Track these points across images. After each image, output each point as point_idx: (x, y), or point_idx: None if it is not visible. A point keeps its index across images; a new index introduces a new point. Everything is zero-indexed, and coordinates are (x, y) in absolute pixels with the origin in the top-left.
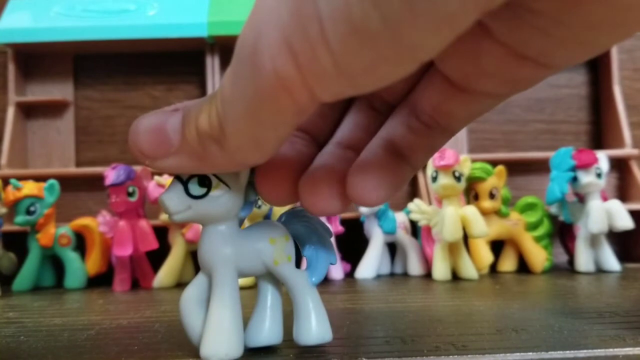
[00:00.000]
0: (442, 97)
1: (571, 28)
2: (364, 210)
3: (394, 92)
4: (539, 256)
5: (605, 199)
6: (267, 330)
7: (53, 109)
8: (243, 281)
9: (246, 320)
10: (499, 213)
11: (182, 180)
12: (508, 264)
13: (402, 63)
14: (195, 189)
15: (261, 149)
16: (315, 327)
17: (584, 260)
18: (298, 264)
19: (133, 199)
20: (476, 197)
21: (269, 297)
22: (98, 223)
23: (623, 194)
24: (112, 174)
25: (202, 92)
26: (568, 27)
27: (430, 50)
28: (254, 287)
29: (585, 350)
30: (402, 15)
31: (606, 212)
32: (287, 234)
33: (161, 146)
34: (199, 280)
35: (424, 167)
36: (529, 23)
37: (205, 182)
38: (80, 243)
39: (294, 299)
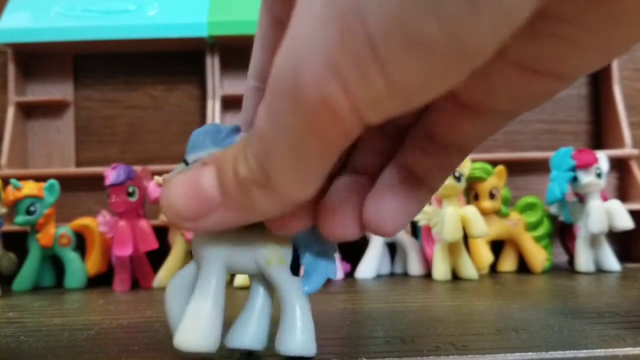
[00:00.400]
0: (455, 119)
1: (592, 28)
2: None
3: (405, 115)
4: (539, 256)
5: (605, 199)
6: (251, 334)
7: (53, 109)
8: (243, 281)
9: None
10: (499, 213)
11: (187, 163)
12: (508, 264)
13: (458, 71)
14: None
15: (309, 184)
16: (299, 337)
17: (584, 260)
18: (295, 271)
19: (133, 199)
20: (476, 197)
21: (259, 300)
22: (98, 223)
23: (623, 194)
24: (112, 174)
25: (202, 92)
26: (589, 28)
27: (487, 52)
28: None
29: (585, 350)
30: (463, 18)
31: (606, 212)
32: (287, 237)
33: (201, 205)
34: (189, 269)
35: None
36: (546, 33)
37: None
38: (80, 243)
39: (282, 304)
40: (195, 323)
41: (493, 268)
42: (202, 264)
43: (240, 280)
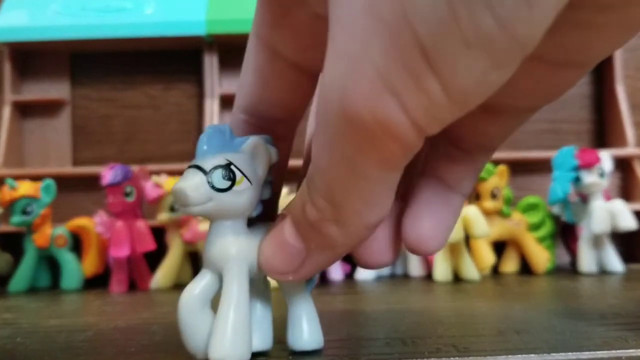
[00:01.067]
0: (478, 121)
1: (614, 7)
2: None
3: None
4: (541, 257)
5: (608, 198)
6: (257, 337)
7: (49, 108)
8: None
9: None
10: (500, 213)
11: (203, 170)
12: (510, 264)
13: (513, 63)
14: (220, 181)
15: (378, 207)
16: (307, 333)
17: (586, 261)
18: None
19: (130, 199)
20: (478, 197)
21: (259, 303)
22: (95, 223)
23: (626, 194)
24: (109, 174)
25: (200, 91)
26: (611, 8)
27: (537, 40)
28: None
29: (587, 352)
30: (519, 9)
31: (609, 213)
32: None
33: (292, 259)
34: (204, 279)
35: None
36: (570, 22)
37: (229, 175)
38: (77, 244)
39: (288, 303)
40: (232, 335)
41: (495, 269)
42: (224, 272)
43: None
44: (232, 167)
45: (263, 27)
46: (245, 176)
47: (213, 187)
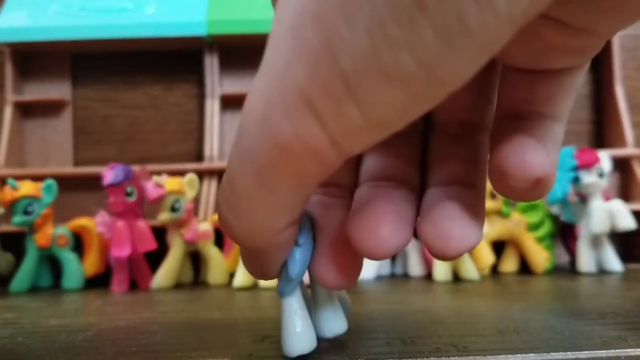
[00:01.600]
0: (524, 88)
1: None
2: None
3: (476, 111)
4: (540, 257)
5: (607, 199)
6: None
7: (51, 109)
8: (242, 282)
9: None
10: (500, 213)
11: None
12: (509, 264)
13: (436, 97)
14: None
15: (282, 217)
16: (330, 320)
17: (585, 260)
18: None
19: (131, 199)
20: None
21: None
22: (96, 223)
23: (625, 194)
24: (110, 174)
25: (201, 91)
26: None
27: (465, 77)
28: (253, 288)
29: (587, 352)
30: (439, 53)
31: (608, 213)
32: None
33: (250, 263)
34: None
35: None
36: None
37: None
38: (78, 243)
39: (311, 293)
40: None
41: (494, 269)
42: None
43: (240, 281)
44: None
45: None
46: None
47: None
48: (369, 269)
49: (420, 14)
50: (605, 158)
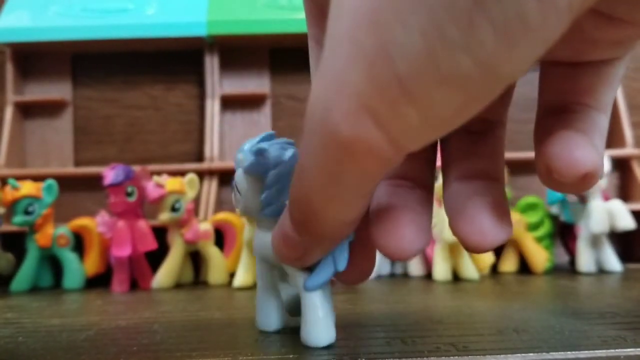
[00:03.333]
0: (567, 81)
1: None
2: None
3: (497, 109)
4: (540, 257)
5: (607, 199)
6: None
7: (51, 109)
8: (242, 282)
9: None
10: None
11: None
12: (509, 264)
13: (492, 94)
14: (235, 192)
15: (353, 209)
16: (314, 329)
17: (585, 260)
18: (309, 266)
19: (132, 199)
20: None
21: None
22: (97, 223)
23: (624, 194)
24: (110, 174)
25: (201, 91)
26: None
27: (523, 72)
28: (253, 287)
29: (586, 351)
30: (498, 52)
31: (608, 213)
32: None
33: (295, 249)
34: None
35: None
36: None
37: (236, 187)
38: (79, 243)
39: (301, 298)
40: (259, 310)
41: (494, 268)
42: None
43: (240, 281)
44: (234, 182)
45: (311, 27)
46: (237, 189)
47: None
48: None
49: (480, 14)
50: (604, 158)
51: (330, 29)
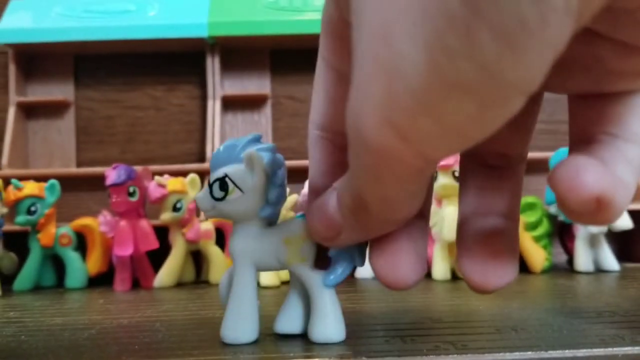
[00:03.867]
0: (592, 112)
1: None
2: None
3: (516, 143)
4: (538, 256)
5: None
6: (285, 320)
7: (54, 109)
8: (269, 281)
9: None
10: None
11: (209, 183)
12: None
13: (510, 101)
14: (217, 192)
15: (400, 209)
16: (328, 326)
17: (583, 260)
18: (321, 264)
19: (134, 199)
20: None
21: (295, 291)
22: (99, 223)
23: None
24: (112, 174)
25: (203, 92)
26: None
27: (537, 79)
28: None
29: (584, 350)
30: (500, 58)
31: None
32: (305, 234)
33: (331, 229)
34: (230, 268)
35: None
36: (630, 19)
37: (224, 186)
38: (81, 243)
39: (310, 297)
40: (234, 320)
41: None
42: (234, 266)
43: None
44: (227, 179)
45: (325, 50)
46: (237, 186)
47: (213, 197)
48: (368, 268)
49: (477, 21)
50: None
51: (355, 41)
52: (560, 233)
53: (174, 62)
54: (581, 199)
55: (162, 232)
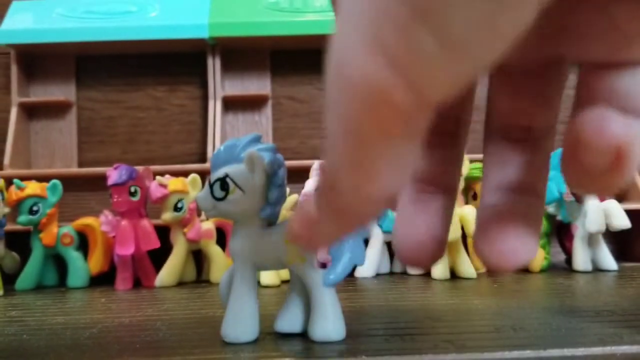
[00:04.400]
0: (605, 84)
1: None
2: None
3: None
4: (536, 255)
5: (602, 198)
6: (287, 320)
7: (55, 110)
8: (269, 281)
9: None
10: None
11: (210, 183)
12: None
13: (524, 3)
14: (218, 192)
15: (379, 180)
16: (327, 325)
17: (581, 259)
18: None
19: (135, 199)
20: (475, 197)
21: (295, 290)
22: (100, 222)
23: (620, 194)
24: (114, 174)
25: (204, 92)
26: None
27: None
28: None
29: (582, 348)
30: None
31: (604, 212)
32: None
33: (306, 225)
34: (231, 268)
35: None
36: None
37: (224, 186)
38: (83, 242)
39: (310, 296)
40: (234, 319)
41: None
42: (235, 264)
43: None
44: (228, 179)
45: None
46: (238, 186)
47: (214, 197)
48: (368, 267)
49: None
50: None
51: None
52: (559, 232)
53: (175, 62)
54: (605, 144)
55: (163, 232)
